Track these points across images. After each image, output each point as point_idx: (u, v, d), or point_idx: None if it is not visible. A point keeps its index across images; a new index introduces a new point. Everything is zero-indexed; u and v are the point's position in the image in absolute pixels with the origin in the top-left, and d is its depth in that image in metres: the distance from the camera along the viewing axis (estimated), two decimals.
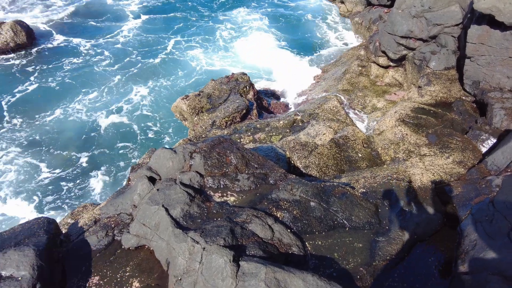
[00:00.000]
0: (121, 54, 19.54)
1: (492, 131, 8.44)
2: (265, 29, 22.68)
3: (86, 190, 12.03)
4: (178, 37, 21.82)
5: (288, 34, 22.15)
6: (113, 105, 15.62)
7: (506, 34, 8.93)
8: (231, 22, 24.07)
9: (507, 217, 5.21)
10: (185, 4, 26.66)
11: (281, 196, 5.55)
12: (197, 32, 22.38)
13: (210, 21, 24.32)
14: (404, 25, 12.87)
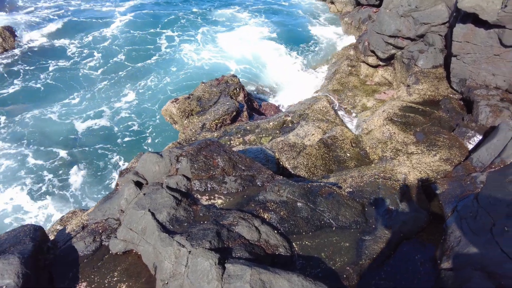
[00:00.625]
0: (107, 55, 19.37)
1: (478, 128, 8.56)
2: (257, 28, 22.69)
3: (65, 191, 12.01)
4: (168, 35, 21.70)
5: (280, 33, 22.17)
6: (96, 107, 15.47)
7: (490, 32, 9.06)
8: (222, 20, 24.05)
9: (490, 213, 5.28)
10: (175, 3, 26.65)
11: (268, 198, 5.58)
12: (187, 31, 22.30)
13: (200, 19, 24.23)
14: (392, 25, 13.00)
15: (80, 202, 11.66)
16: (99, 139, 13.86)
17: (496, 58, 9.31)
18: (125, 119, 14.87)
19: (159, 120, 14.65)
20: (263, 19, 24.12)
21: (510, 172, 5.84)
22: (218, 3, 27.36)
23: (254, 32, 21.94)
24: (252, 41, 20.79)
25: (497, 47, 9.11)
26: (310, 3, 26.53)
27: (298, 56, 19.30)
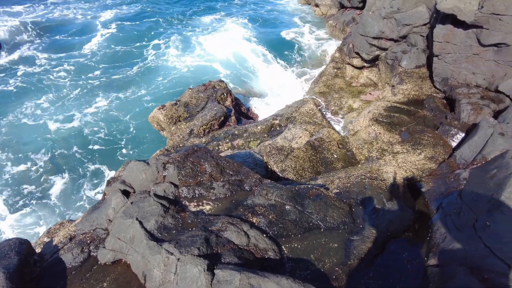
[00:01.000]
0: (88, 67, 18.96)
1: (461, 125, 8.76)
2: (242, 33, 22.65)
3: (47, 200, 11.82)
4: (153, 44, 21.43)
5: (265, 37, 22.19)
6: (71, 113, 15.25)
7: (469, 33, 9.30)
8: (207, 26, 23.97)
9: (473, 209, 5.41)
10: (158, 12, 26.35)
11: (256, 202, 5.61)
12: (171, 39, 22.07)
13: (185, 26, 24.03)
14: (375, 26, 13.22)
15: (62, 211, 11.44)
16: (78, 147, 13.71)
17: (475, 57, 9.55)
18: (102, 126, 14.65)
19: (141, 128, 14.52)
20: (248, 24, 24.11)
21: (490, 168, 5.99)
22: (203, 10, 27.22)
23: (239, 38, 21.93)
24: (237, 46, 20.78)
25: (476, 46, 9.35)
26: (296, 8, 26.73)
27: (284, 60, 19.36)
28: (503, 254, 4.48)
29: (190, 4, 28.24)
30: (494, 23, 8.47)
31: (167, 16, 25.51)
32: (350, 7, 18.97)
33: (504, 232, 4.63)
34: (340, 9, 20.53)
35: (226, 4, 28.57)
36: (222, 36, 22.26)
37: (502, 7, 8.12)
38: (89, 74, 18.11)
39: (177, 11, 26.81)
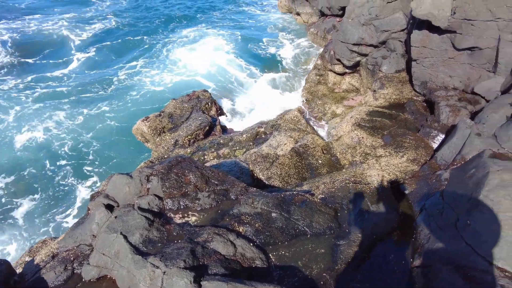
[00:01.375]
0: (60, 84, 18.19)
1: (441, 127, 8.98)
2: (224, 46, 22.48)
3: (11, 217, 11.42)
4: (130, 65, 20.52)
5: (247, 48, 22.14)
6: (41, 128, 14.82)
7: (443, 37, 9.60)
8: (188, 40, 23.59)
9: (454, 208, 5.53)
10: (136, 29, 25.72)
11: (242, 211, 5.60)
12: (150, 57, 21.47)
13: (164, 42, 23.49)
14: (355, 33, 13.50)
15: (32, 231, 11.01)
16: (45, 164, 13.32)
17: (451, 61, 9.86)
18: (68, 144, 14.20)
19: (109, 145, 14.14)
20: (229, 36, 23.90)
21: (469, 168, 6.15)
22: (183, 23, 26.82)
23: (220, 51, 21.71)
24: (218, 60, 20.55)
25: (451, 50, 9.66)
26: (277, 17, 27.02)
27: (265, 71, 19.24)
28: (484, 252, 4.58)
29: (169, 19, 27.73)
30: (466, 28, 8.78)
31: (146, 32, 24.93)
32: (331, 15, 19.33)
33: (484, 230, 4.74)
34: (321, 17, 20.89)
35: (206, 16, 28.16)
36: (203, 50, 21.91)
37: (473, 13, 8.44)
38: (58, 89, 17.58)
39: (157, 26, 26.30)
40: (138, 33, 24.64)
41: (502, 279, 4.20)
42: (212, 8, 30.11)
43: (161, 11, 29.03)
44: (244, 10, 29.57)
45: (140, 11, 28.61)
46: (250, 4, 30.93)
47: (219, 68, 19.67)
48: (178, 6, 30.23)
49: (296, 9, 24.34)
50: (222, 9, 29.71)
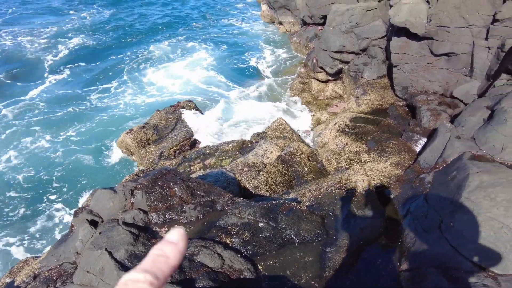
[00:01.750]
0: (29, 108, 16.79)
1: (423, 131, 9.18)
2: (205, 61, 21.51)
3: None
4: (103, 88, 18.92)
5: (229, 63, 21.46)
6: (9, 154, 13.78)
7: (422, 44, 9.88)
8: (167, 55, 22.48)
9: (438, 211, 5.62)
10: (115, 47, 24.16)
11: (229, 222, 5.56)
12: (125, 76, 19.82)
13: (143, 57, 22.08)
14: (337, 41, 13.76)
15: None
16: (8, 193, 12.25)
17: (430, 66, 10.14)
18: (30, 169, 13.07)
19: (72, 172, 12.92)
20: (211, 50, 23.10)
21: (451, 171, 6.28)
22: (165, 38, 25.72)
23: (201, 66, 20.81)
24: (198, 75, 19.56)
25: (429, 56, 9.94)
26: (261, 28, 27.16)
27: (248, 82, 18.60)
28: (467, 253, 4.66)
29: (149, 33, 26.72)
30: (442, 35, 9.06)
31: (124, 49, 23.48)
32: (312, 24, 19.65)
33: (466, 231, 4.83)
34: (303, 26, 21.21)
35: (187, 30, 27.30)
36: (182, 66, 20.80)
37: (447, 20, 8.73)
38: (27, 114, 16.37)
39: (136, 42, 25.02)
40: (114, 50, 23.47)
41: (485, 279, 4.28)
42: (194, 21, 29.37)
43: (140, 24, 28.17)
44: (226, 22, 29.22)
45: (120, 25, 27.63)
46: (233, 16, 30.87)
47: (198, 86, 18.73)
48: (159, 19, 29.39)
49: (278, 18, 24.67)
50: (204, 22, 29.07)
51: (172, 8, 32.76)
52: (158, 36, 26.07)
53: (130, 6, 33.14)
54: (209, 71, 20.20)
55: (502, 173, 5.40)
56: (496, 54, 8.25)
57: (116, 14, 30.38)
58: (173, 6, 33.32)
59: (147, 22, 28.80)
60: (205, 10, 32.24)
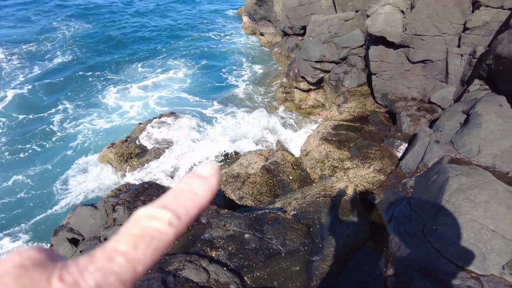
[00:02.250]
0: None
1: (403, 136, 9.36)
2: (182, 81, 20.24)
3: None
4: (64, 110, 16.91)
5: (208, 77, 20.47)
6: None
7: (399, 52, 10.17)
8: (141, 77, 20.51)
9: (421, 215, 5.71)
10: (92, 63, 22.19)
11: (214, 234, 5.48)
12: (91, 97, 18.04)
13: (110, 81, 19.81)
14: (317, 51, 14.00)
15: None
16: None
17: (407, 73, 10.42)
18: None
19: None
20: (189, 68, 21.78)
21: (431, 174, 6.41)
22: (139, 56, 23.87)
23: (177, 84, 19.59)
24: (174, 95, 18.40)
25: (407, 63, 10.23)
26: (242, 39, 27.27)
27: (230, 98, 17.66)
28: (451, 255, 4.73)
29: (123, 48, 24.90)
30: (417, 43, 9.36)
31: (102, 66, 21.83)
32: (293, 34, 19.98)
33: (448, 234, 4.92)
34: (284, 37, 21.53)
35: (165, 44, 26.09)
36: (159, 86, 19.37)
37: (422, 29, 9.03)
38: None
39: (105, 60, 22.93)
40: (90, 67, 21.72)
41: (468, 280, 4.34)
42: (172, 35, 28.28)
43: (114, 39, 26.68)
44: (207, 36, 28.65)
45: (91, 40, 26.25)
46: (214, 30, 30.73)
47: (172, 102, 17.66)
48: (135, 33, 28.12)
49: (259, 29, 24.98)
50: (183, 37, 27.96)
51: (151, 23, 31.25)
52: (132, 52, 24.62)
53: (102, 19, 31.66)
54: (184, 88, 19.19)
55: (479, 175, 5.54)
56: (469, 60, 8.56)
57: (88, 29, 28.61)
58: (152, 20, 32.55)
59: (122, 36, 27.48)
60: (185, 25, 31.56)
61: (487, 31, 8.08)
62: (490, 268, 4.46)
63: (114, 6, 36.32)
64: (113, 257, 0.47)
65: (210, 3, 40.00)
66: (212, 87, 19.48)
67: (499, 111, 6.87)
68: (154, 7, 36.84)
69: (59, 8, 34.25)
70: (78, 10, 33.69)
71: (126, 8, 36.04)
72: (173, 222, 0.51)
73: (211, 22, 32.72)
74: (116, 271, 0.45)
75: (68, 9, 33.79)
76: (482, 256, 4.55)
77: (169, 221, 0.50)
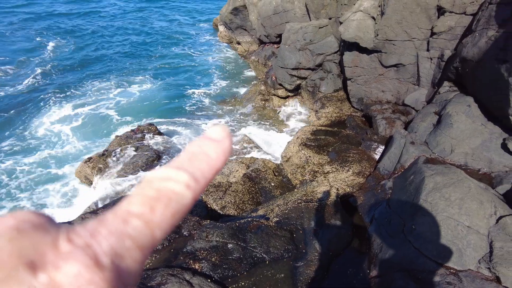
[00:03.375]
0: None
1: (380, 139, 9.59)
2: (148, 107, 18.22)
3: None
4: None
5: (179, 96, 19.35)
6: None
7: (372, 57, 10.46)
8: (103, 98, 18.53)
9: (400, 215, 5.84)
10: (53, 88, 19.36)
11: (197, 246, 5.40)
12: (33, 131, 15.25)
13: (59, 102, 17.52)
14: (293, 58, 14.20)
15: None
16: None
17: (381, 77, 10.73)
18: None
19: None
20: (158, 87, 20.11)
21: (408, 175, 6.58)
22: (101, 73, 21.89)
23: (149, 97, 18.28)
24: (147, 108, 17.15)
25: (380, 68, 10.53)
26: (218, 49, 27.20)
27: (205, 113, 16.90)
28: (430, 253, 4.84)
29: (86, 65, 22.79)
30: (389, 48, 9.66)
31: (63, 89, 19.52)
32: (269, 42, 20.21)
33: (427, 233, 5.04)
34: (260, 45, 21.74)
35: (135, 63, 24.27)
36: (118, 114, 17.02)
37: (392, 34, 9.34)
38: None
39: (63, 77, 20.90)
40: (46, 91, 19.36)
41: (448, 277, 4.45)
42: (143, 51, 26.42)
43: (77, 55, 24.78)
44: (179, 51, 27.45)
45: (51, 57, 24.16)
46: (189, 41, 30.37)
47: (148, 117, 16.27)
48: (104, 50, 26.22)
49: (236, 38, 25.12)
50: (155, 52, 26.41)
51: (119, 38, 29.73)
52: (96, 70, 22.56)
53: (65, 33, 29.41)
54: (155, 101, 18.05)
55: (453, 173, 5.74)
56: (438, 63, 8.91)
57: (57, 48, 26.80)
58: (122, 36, 31.29)
59: (88, 52, 25.63)
60: (159, 38, 30.54)
61: (452, 36, 8.45)
62: (467, 264, 4.59)
63: (76, 17, 34.39)
64: (127, 219, 0.40)
65: (185, 15, 39.80)
66: (183, 99, 18.61)
67: (468, 111, 7.16)
68: (121, 21, 35.30)
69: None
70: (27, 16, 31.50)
71: (93, 20, 34.78)
72: (190, 184, 0.45)
73: (185, 36, 32.39)
74: (133, 234, 0.39)
75: (16, 17, 32.07)
76: (459, 252, 4.68)
77: (187, 183, 0.45)
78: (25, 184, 11.89)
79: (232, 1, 22.73)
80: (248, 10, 22.08)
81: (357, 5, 10.63)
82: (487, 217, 5.00)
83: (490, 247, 4.68)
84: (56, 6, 36.35)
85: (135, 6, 40.47)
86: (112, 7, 39.45)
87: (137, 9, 39.89)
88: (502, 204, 5.28)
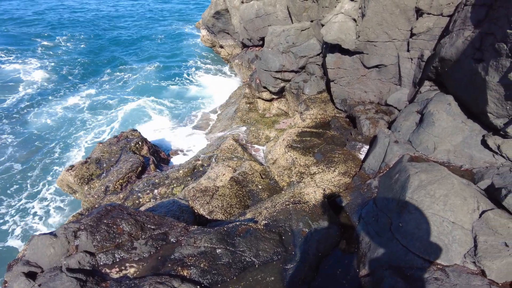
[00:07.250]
0: None
1: (364, 139, 9.70)
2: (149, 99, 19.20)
3: None
4: None
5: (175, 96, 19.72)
6: None
7: (354, 58, 10.60)
8: (89, 108, 18.47)
9: (387, 213, 5.90)
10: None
11: (185, 253, 5.30)
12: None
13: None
14: (276, 61, 14.25)
15: None
16: None
17: (363, 78, 10.88)
18: None
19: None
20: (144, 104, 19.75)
21: (393, 173, 6.67)
22: (81, 84, 21.48)
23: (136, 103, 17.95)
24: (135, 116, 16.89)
25: (362, 69, 10.68)
26: (201, 52, 26.91)
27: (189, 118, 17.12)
28: (417, 250, 4.91)
29: (63, 79, 22.35)
30: (371, 49, 9.82)
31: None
32: (252, 46, 20.25)
33: (414, 230, 5.11)
34: (243, 48, 21.76)
35: (116, 74, 23.54)
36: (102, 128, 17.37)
37: (373, 35, 9.50)
38: None
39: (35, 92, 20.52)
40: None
41: (435, 272, 4.52)
42: (118, 62, 25.86)
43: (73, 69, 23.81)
44: (161, 53, 26.93)
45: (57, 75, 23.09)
46: (168, 46, 29.75)
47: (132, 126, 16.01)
48: (88, 59, 25.49)
49: (219, 42, 25.07)
50: (136, 63, 25.77)
51: (96, 46, 28.94)
52: (76, 80, 22.06)
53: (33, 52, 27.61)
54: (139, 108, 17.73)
55: (437, 171, 5.85)
56: (418, 63, 9.10)
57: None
58: (106, 43, 30.38)
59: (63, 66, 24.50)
60: (144, 47, 29.70)
61: (431, 36, 8.66)
62: (453, 259, 4.67)
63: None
64: None
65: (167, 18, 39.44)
66: (165, 105, 18.50)
67: (449, 110, 7.33)
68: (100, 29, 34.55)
69: None
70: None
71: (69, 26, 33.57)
72: None
73: (168, 37, 32.11)
74: None
75: None
76: (445, 248, 4.76)
77: None
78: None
79: (214, 5, 22.69)
80: (230, 14, 22.08)
81: (338, 7, 10.76)
82: (471, 212, 5.11)
83: (475, 242, 4.78)
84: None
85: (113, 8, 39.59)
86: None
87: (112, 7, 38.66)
88: (484, 199, 5.41)
